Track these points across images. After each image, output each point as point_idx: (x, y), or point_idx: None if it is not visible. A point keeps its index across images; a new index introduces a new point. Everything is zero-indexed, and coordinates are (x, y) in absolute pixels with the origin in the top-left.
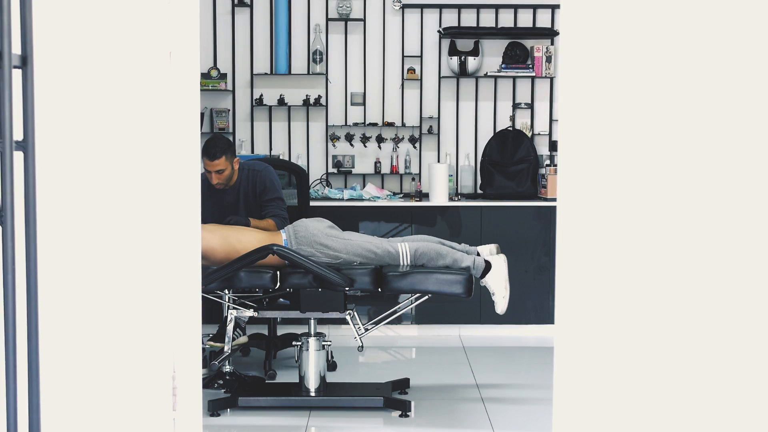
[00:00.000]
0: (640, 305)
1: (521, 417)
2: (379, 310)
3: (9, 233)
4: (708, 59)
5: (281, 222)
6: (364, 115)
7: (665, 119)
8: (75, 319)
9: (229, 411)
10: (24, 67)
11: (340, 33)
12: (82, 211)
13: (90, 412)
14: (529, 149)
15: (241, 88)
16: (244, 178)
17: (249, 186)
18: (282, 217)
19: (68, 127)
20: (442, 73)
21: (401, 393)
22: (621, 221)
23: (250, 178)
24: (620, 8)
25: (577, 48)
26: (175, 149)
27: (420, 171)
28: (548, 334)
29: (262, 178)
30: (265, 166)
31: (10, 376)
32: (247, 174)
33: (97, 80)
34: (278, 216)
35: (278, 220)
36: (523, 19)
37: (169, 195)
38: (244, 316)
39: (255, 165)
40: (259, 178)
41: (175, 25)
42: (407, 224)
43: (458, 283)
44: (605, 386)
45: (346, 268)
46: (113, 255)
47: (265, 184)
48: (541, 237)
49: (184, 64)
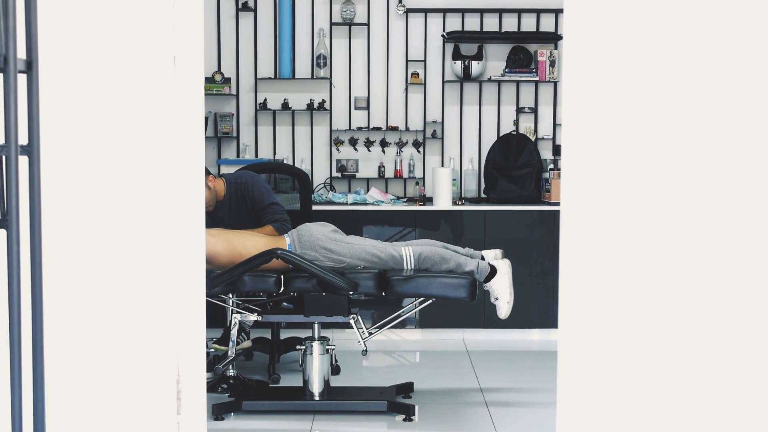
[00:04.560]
0: (644, 309)
1: (525, 421)
2: (383, 314)
3: (14, 238)
4: (711, 63)
5: (280, 226)
6: (367, 119)
7: (669, 123)
8: (80, 324)
9: (233, 415)
10: (29, 71)
11: (344, 37)
12: (86, 216)
13: (94, 415)
14: (533, 153)
15: (245, 92)
16: (233, 192)
17: (239, 199)
18: (280, 221)
19: (73, 131)
20: (446, 77)
21: (405, 397)
22: (625, 225)
23: (238, 191)
24: (624, 12)
25: (581, 52)
26: (180, 153)
27: (424, 175)
28: (552, 339)
29: (249, 189)
30: (251, 176)
31: (15, 381)
32: (235, 188)
33: (101, 85)
34: (276, 221)
35: (277, 225)
36: (526, 24)
37: (173, 199)
38: (249, 320)
39: (241, 177)
40: (247, 190)
41: (180, 29)
42: (411, 228)
43: (462, 287)
44: (609, 390)
45: (350, 272)
46: (118, 259)
47: (253, 195)
48: (545, 241)
49: (188, 68)
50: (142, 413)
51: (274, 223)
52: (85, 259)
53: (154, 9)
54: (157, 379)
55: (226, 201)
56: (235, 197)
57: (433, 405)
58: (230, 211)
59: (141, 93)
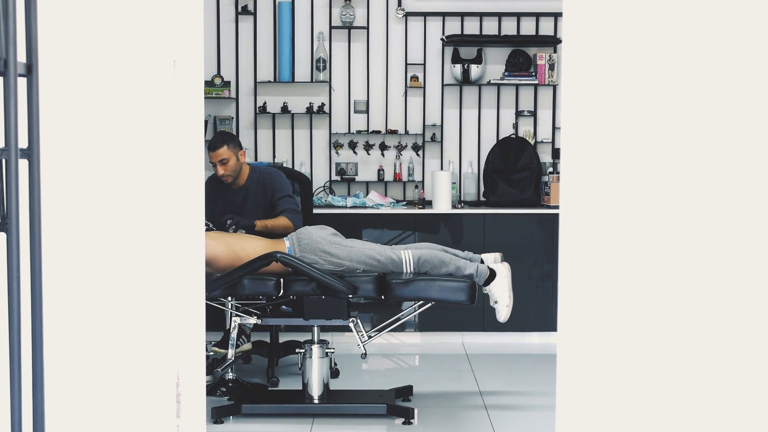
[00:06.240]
0: (643, 312)
1: (524, 424)
2: (382, 317)
3: (14, 241)
4: (712, 66)
5: (294, 216)
6: (367, 122)
7: (668, 127)
8: (79, 327)
9: (232, 418)
10: (29, 75)
11: (343, 41)
12: (86, 219)
13: (94, 418)
14: (532, 157)
15: (244, 95)
16: (255, 179)
17: (259, 188)
18: (294, 211)
19: (73, 134)
20: (445, 80)
21: (404, 400)
22: (624, 228)
23: (260, 180)
24: (623, 16)
25: (580, 56)
26: (180, 157)
27: (423, 178)
28: (551, 342)
29: (272, 180)
30: (275, 170)
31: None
32: (258, 176)
33: (101, 88)
34: (289, 210)
35: (290, 214)
36: (526, 27)
37: (173, 202)
38: (248, 323)
39: (266, 169)
40: (269, 180)
41: (180, 33)
42: (410, 232)
43: (461, 291)
44: (608, 394)
45: (350, 276)
46: (118, 262)
47: (275, 185)
48: (544, 244)
49: (188, 71)
50: (141, 416)
51: (286, 212)
52: (85, 262)
53: (154, 12)
54: (156, 382)
55: (245, 186)
56: (255, 185)
57: (433, 408)
58: (247, 197)
59: (141, 96)
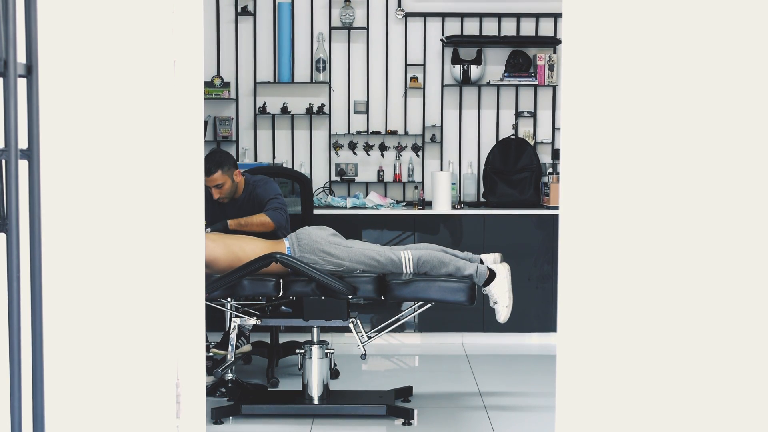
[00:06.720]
0: (642, 313)
1: (524, 425)
2: (382, 318)
3: (14, 242)
4: (711, 67)
5: (273, 213)
6: (367, 123)
7: (668, 127)
8: (79, 327)
9: (231, 419)
10: (29, 75)
11: (343, 41)
12: (86, 220)
13: (94, 419)
14: (532, 157)
15: (244, 96)
16: (248, 192)
17: (249, 202)
18: (274, 208)
19: (73, 135)
20: (445, 81)
21: (404, 401)
22: (624, 229)
23: (251, 193)
24: (622, 17)
25: (580, 56)
26: (179, 158)
27: (423, 179)
28: (551, 342)
29: (256, 190)
30: (261, 177)
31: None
32: (250, 189)
33: (101, 89)
34: (270, 208)
35: (269, 211)
36: (525, 28)
37: (172, 203)
38: (248, 324)
39: (255, 179)
40: (255, 191)
41: (179, 33)
42: (410, 232)
43: (461, 291)
44: (608, 394)
45: (349, 276)
46: (117, 263)
47: (260, 195)
48: (544, 245)
49: (188, 72)
50: (141, 417)
51: (268, 210)
52: (85, 263)
53: (153, 13)
54: (156, 382)
55: (239, 199)
56: (247, 198)
57: (432, 409)
58: (240, 208)
59: (141, 97)
